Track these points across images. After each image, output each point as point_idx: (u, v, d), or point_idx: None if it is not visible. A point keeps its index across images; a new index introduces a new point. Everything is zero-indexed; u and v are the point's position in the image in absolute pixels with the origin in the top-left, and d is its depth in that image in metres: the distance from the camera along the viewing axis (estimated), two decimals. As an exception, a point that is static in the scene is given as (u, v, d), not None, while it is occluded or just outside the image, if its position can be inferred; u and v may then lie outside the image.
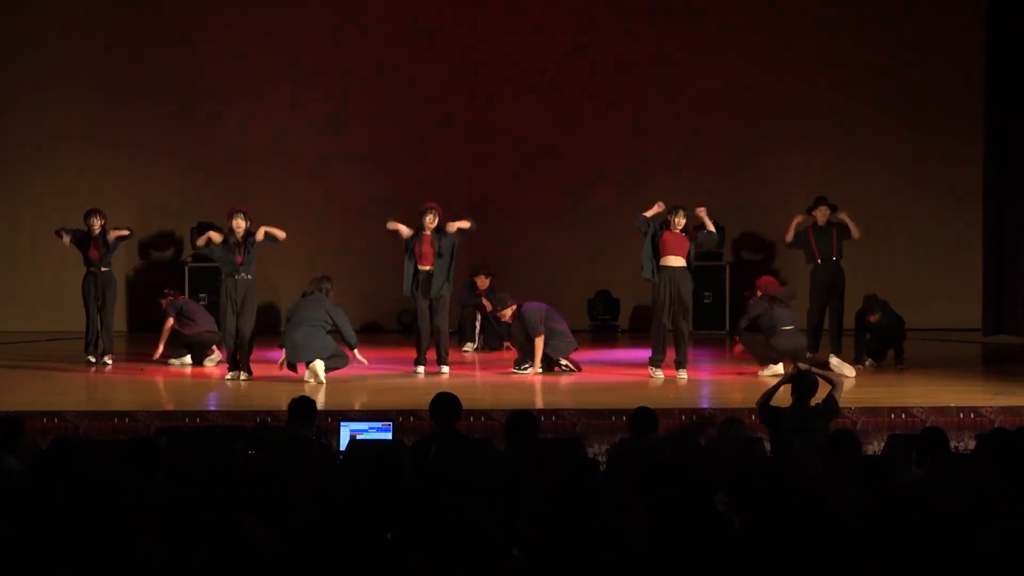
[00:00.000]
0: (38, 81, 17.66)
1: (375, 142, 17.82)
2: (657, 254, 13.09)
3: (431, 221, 13.34)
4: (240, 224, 12.99)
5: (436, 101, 17.91)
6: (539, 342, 13.31)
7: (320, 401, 10.77)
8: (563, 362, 13.54)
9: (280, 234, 13.10)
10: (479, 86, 17.90)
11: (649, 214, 13.16)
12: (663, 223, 13.20)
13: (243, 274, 12.95)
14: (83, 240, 14.31)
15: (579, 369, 13.58)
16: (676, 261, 13.07)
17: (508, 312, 13.51)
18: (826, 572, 5.15)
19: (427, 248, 13.28)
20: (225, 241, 13.07)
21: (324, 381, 12.48)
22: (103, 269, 14.32)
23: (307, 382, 12.44)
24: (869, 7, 17.80)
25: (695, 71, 17.84)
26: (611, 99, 17.90)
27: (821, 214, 14.37)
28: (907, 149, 17.79)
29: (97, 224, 14.26)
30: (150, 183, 17.80)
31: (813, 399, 9.53)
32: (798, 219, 14.38)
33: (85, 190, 17.51)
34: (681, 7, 17.92)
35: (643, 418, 8.79)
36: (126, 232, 14.54)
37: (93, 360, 14.12)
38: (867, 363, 13.92)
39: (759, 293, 13.52)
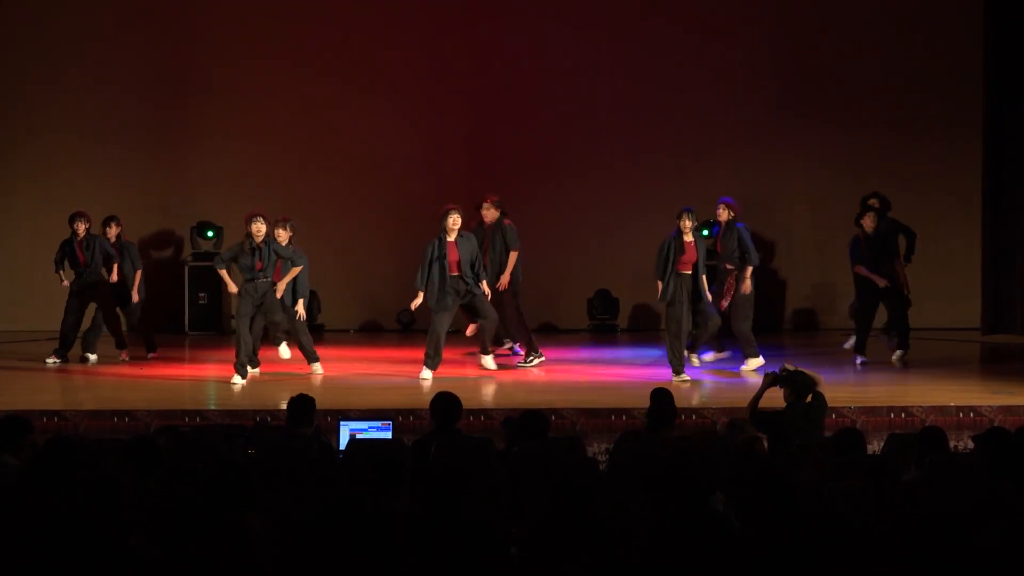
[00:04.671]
0: (38, 80, 17.64)
1: (378, 146, 17.81)
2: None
3: (454, 223, 13.17)
4: (260, 228, 12.85)
5: (441, 108, 17.89)
6: (513, 256, 13.88)
7: (320, 400, 10.77)
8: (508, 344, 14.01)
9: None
10: (483, 94, 17.89)
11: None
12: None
13: (263, 279, 12.91)
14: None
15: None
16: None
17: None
18: (824, 570, 5.16)
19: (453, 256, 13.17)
20: (242, 246, 12.96)
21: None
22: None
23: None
24: (871, 10, 17.82)
25: (696, 75, 17.87)
26: (611, 105, 17.90)
27: (869, 220, 14.29)
28: (908, 151, 17.79)
29: (82, 228, 14.29)
30: (149, 183, 17.79)
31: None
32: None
33: (84, 189, 17.51)
34: (681, 16, 17.93)
35: (660, 411, 8.81)
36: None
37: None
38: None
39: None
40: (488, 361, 13.57)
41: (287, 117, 17.78)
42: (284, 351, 13.91)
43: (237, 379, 12.65)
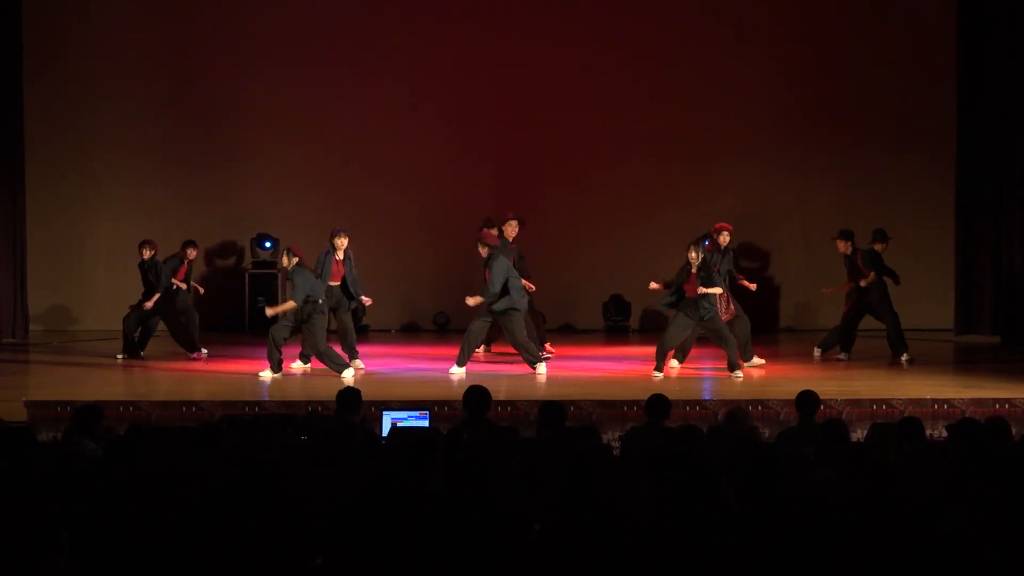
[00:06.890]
0: (114, 106, 17.70)
1: (414, 164, 17.82)
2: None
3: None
4: (343, 242, 13.28)
5: (467, 122, 17.88)
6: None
7: (365, 392, 10.77)
8: None
9: None
10: (507, 108, 17.87)
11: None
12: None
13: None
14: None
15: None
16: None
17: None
18: (810, 546, 5.13)
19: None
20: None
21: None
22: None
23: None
24: (859, 43, 17.78)
25: (700, 101, 17.86)
26: (625, 124, 17.88)
27: (842, 245, 14.31)
28: (890, 170, 17.76)
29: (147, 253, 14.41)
30: (212, 199, 17.81)
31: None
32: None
33: (155, 204, 17.56)
34: (693, 49, 17.89)
35: (657, 405, 8.73)
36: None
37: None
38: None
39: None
40: (541, 367, 13.08)
41: (335, 139, 17.81)
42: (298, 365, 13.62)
43: (268, 372, 12.74)
